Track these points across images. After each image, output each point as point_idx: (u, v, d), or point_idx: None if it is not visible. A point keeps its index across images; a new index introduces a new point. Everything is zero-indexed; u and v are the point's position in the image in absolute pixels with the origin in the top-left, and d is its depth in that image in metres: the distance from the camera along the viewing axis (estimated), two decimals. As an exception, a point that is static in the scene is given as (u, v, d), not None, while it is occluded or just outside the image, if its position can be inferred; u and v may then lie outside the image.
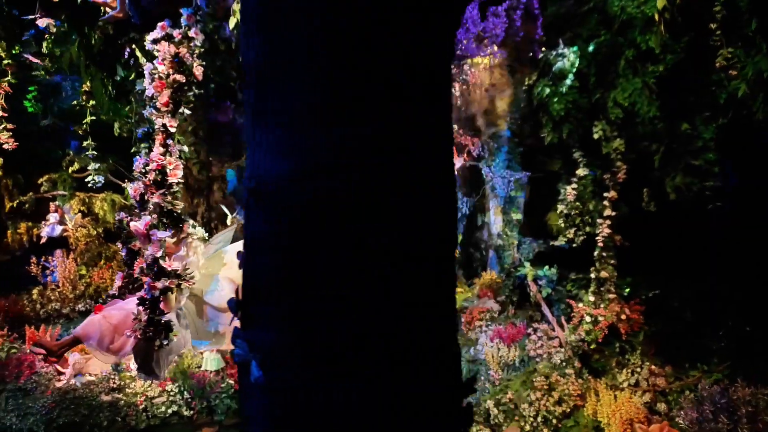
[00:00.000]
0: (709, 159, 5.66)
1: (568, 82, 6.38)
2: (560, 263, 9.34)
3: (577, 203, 7.27)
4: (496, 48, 12.01)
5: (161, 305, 3.49)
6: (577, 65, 6.28)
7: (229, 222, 9.30)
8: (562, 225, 7.79)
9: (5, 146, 6.65)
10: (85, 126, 7.16)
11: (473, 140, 15.07)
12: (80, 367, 8.82)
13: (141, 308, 3.62)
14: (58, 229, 11.34)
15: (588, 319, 7.22)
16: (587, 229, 7.18)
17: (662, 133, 6.13)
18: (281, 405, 1.31)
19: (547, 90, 6.72)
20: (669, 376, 7.31)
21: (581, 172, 6.82)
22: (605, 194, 6.71)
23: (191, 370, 9.21)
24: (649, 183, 6.50)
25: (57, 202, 11.47)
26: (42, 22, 3.78)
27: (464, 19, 11.19)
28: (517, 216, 14.53)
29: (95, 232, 11.24)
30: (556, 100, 6.52)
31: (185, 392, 8.97)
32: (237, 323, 2.08)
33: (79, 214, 11.25)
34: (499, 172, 14.92)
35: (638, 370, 7.64)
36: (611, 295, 7.07)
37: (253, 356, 1.33)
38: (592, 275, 7.31)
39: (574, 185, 6.89)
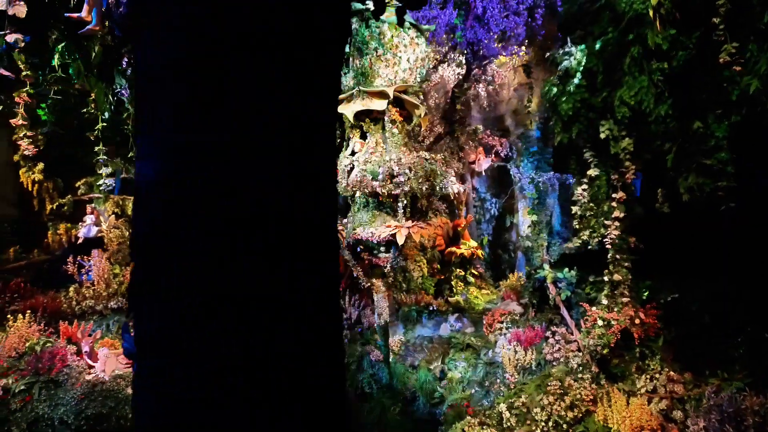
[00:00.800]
0: (722, 158, 5.44)
1: (575, 80, 6.25)
2: (583, 265, 9.14)
3: (591, 204, 7.11)
4: (522, 47, 11.87)
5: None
6: (584, 63, 6.15)
7: None
8: (577, 227, 7.63)
9: (26, 152, 7.05)
10: (96, 132, 7.51)
11: (501, 140, 14.90)
12: (112, 362, 9.22)
13: None
14: (94, 230, 11.89)
15: (600, 323, 7.05)
16: (602, 231, 7.01)
17: (675, 131, 5.93)
18: (160, 396, 1.38)
19: (555, 89, 6.60)
20: (688, 383, 7.05)
21: (592, 172, 6.67)
22: (614, 195, 6.55)
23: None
24: (662, 183, 6.29)
25: (93, 205, 12.02)
26: (11, 38, 3.99)
27: (485, 18, 11.11)
28: (546, 217, 14.27)
29: (127, 233, 11.72)
30: (564, 99, 6.39)
31: (207, 388, 9.24)
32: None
33: (113, 215, 11.76)
34: (528, 173, 14.65)
35: (657, 376, 7.42)
36: (624, 299, 6.88)
37: (135, 349, 1.42)
38: (605, 278, 7.14)
39: (585, 186, 6.75)
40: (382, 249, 8.91)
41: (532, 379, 8.29)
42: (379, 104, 8.54)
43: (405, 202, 8.55)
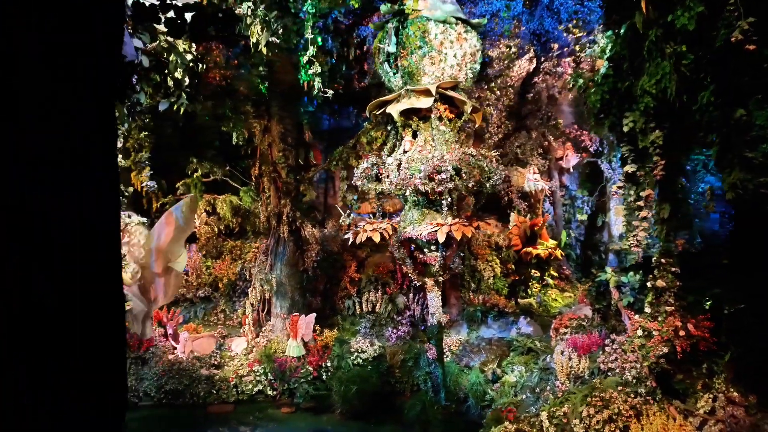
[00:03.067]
0: (765, 150, 4.70)
1: (602, 70, 5.72)
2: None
3: (638, 203, 6.50)
4: (597, 35, 11.11)
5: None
6: (609, 51, 5.61)
7: (342, 221, 10.09)
8: (623, 228, 7.02)
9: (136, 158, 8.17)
10: (132, 141, 8.33)
11: (591, 136, 13.95)
12: (189, 345, 10.29)
13: None
14: (190, 225, 13.25)
15: (639, 332, 6.44)
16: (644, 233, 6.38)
17: (719, 121, 5.24)
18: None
19: (581, 80, 6.07)
20: (750, 407, 6.22)
21: (629, 168, 6.10)
22: (641, 193, 5.93)
23: (276, 354, 10.16)
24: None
25: (190, 203, 13.40)
26: None
27: (554, 6, 10.55)
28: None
29: (216, 230, 12.92)
30: (593, 90, 5.89)
31: (269, 374, 9.94)
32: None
33: (205, 213, 13.02)
34: (621, 169, 13.67)
35: (720, 396, 6.63)
36: (668, 307, 6.20)
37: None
38: (648, 284, 6.49)
39: (619, 183, 6.18)
40: (432, 247, 8.90)
41: (582, 388, 7.79)
42: (424, 102, 8.53)
43: (449, 199, 8.45)
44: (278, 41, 8.60)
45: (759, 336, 6.22)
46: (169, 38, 5.15)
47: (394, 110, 8.68)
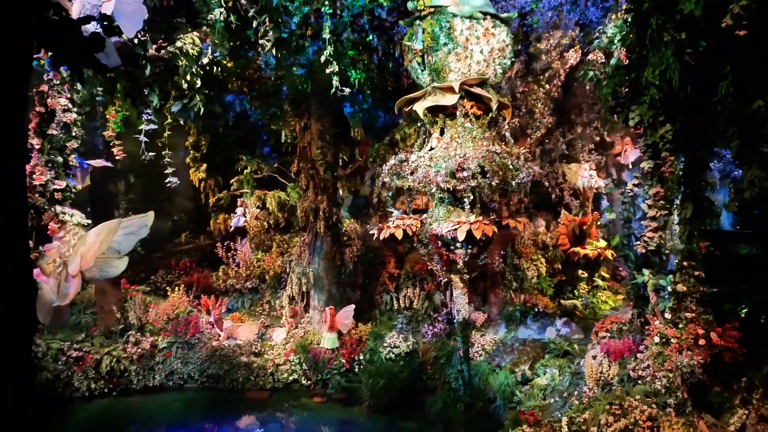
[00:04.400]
0: (780, 145, 4.26)
1: (612, 62, 5.38)
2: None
3: (661, 203, 6.10)
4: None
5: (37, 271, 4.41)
6: (616, 41, 5.25)
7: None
8: (648, 228, 6.60)
9: (117, 157, 8.79)
10: (164, 139, 8.81)
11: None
12: (231, 332, 10.86)
13: None
14: (242, 220, 13.96)
15: (656, 339, 6.05)
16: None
17: (738, 114, 4.83)
18: None
19: (591, 73, 5.72)
20: (783, 426, 5.70)
21: (646, 165, 5.73)
22: (650, 191, 5.54)
23: (312, 346, 10.50)
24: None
25: (243, 198, 14.10)
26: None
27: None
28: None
29: (265, 224, 13.50)
30: (605, 83, 5.55)
31: (303, 364, 10.30)
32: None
33: (255, 208, 13.65)
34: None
35: (753, 413, 6.14)
36: (689, 314, 5.77)
37: None
38: (669, 288, 6.08)
39: (635, 181, 5.81)
40: (458, 244, 8.82)
41: (607, 395, 7.46)
42: (449, 99, 8.46)
43: (472, 197, 8.33)
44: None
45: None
46: (178, 44, 5.52)
47: (419, 108, 8.68)
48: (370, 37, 11.29)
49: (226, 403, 9.73)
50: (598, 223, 13.45)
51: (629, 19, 5.08)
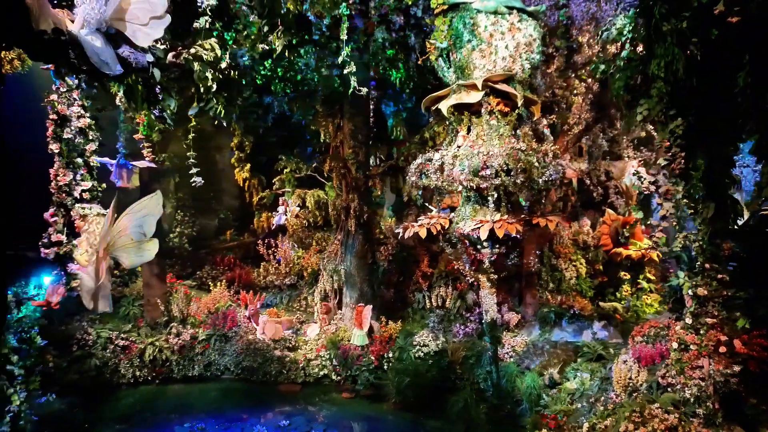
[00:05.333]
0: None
1: (623, 54, 5.10)
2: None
3: (685, 201, 5.77)
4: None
5: (73, 263, 4.72)
6: (625, 32, 4.97)
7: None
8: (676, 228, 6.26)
9: (146, 159, 9.22)
10: (189, 141, 9.11)
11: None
12: (264, 327, 11.20)
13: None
14: (284, 218, 14.36)
15: (675, 345, 5.72)
16: (691, 235, 5.64)
17: (755, 106, 4.50)
18: None
19: (602, 66, 5.44)
20: (815, 442, 5.28)
21: (663, 161, 5.43)
22: (659, 189, 5.22)
23: (342, 342, 10.67)
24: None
25: (284, 197, 14.51)
26: None
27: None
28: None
29: (304, 222, 13.82)
30: (617, 77, 5.28)
31: (333, 360, 10.49)
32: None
33: (296, 207, 14.00)
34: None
35: (788, 426, 5.73)
36: (710, 319, 5.42)
37: None
38: (690, 291, 5.73)
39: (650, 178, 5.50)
40: (485, 243, 8.70)
41: (632, 402, 7.16)
42: (474, 96, 8.35)
43: (495, 195, 8.19)
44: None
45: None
46: (193, 49, 5.79)
47: (443, 106, 8.63)
48: (407, 35, 11.29)
49: (259, 395, 10.07)
50: (648, 222, 12.82)
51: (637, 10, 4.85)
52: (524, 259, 11.69)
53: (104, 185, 5.32)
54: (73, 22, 4.21)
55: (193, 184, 7.35)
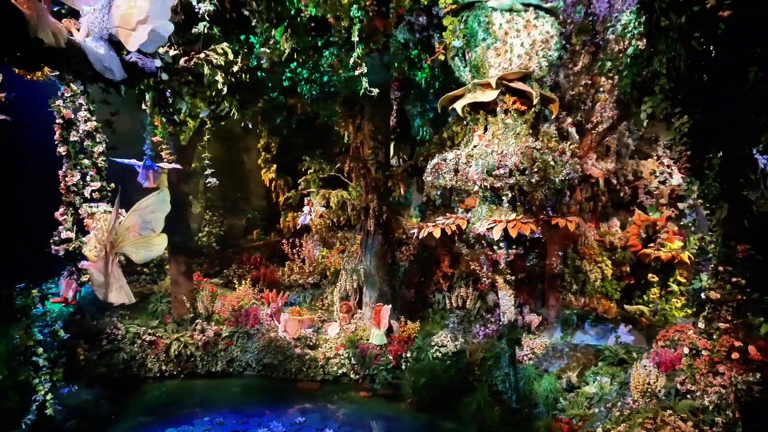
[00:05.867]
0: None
1: (629, 51, 4.93)
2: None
3: (699, 201, 5.55)
4: None
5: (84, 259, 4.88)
6: (630, 28, 4.79)
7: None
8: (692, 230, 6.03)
9: (164, 161, 9.47)
10: (204, 143, 9.28)
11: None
12: (285, 325, 11.37)
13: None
14: (308, 218, 14.53)
15: (686, 350, 5.51)
16: (708, 236, 5.42)
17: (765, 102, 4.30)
18: None
19: (609, 63, 5.25)
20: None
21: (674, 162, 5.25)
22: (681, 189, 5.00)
23: (361, 341, 10.74)
24: None
25: (309, 197, 14.68)
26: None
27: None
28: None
29: (328, 222, 13.94)
30: (624, 74, 5.10)
31: (352, 359, 10.57)
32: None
33: (320, 207, 14.14)
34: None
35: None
36: (723, 324, 5.19)
37: None
38: (702, 295, 5.51)
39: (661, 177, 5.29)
40: (501, 244, 8.60)
41: (648, 408, 6.95)
42: (488, 95, 8.26)
43: (509, 195, 8.09)
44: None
45: None
46: (203, 54, 5.95)
47: (458, 105, 8.59)
48: (431, 35, 11.30)
49: (279, 392, 10.24)
50: (681, 222, 12.38)
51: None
52: (547, 260, 11.50)
53: (112, 185, 5.52)
54: (78, 30, 4.42)
55: (208, 185, 7.54)
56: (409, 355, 10.32)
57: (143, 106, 6.02)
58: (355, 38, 7.59)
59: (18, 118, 5.48)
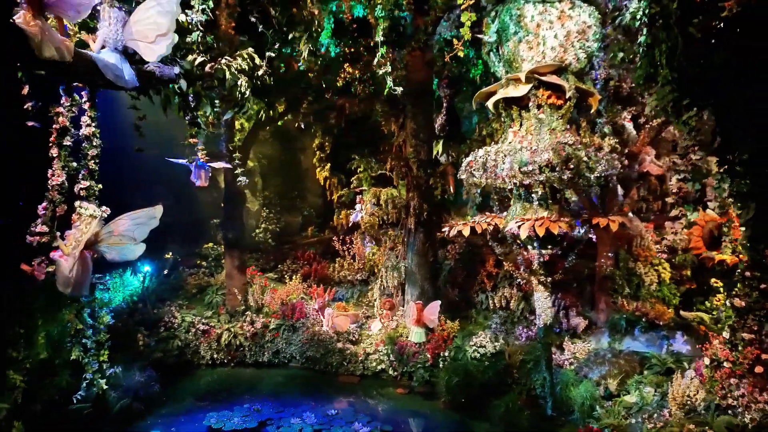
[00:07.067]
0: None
1: (641, 40, 4.53)
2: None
3: (730, 201, 5.09)
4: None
5: (57, 251, 5.20)
6: (641, 16, 4.39)
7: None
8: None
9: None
10: (236, 143, 9.54)
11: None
12: (331, 320, 11.67)
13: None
14: (360, 216, 14.80)
15: (707, 361, 5.06)
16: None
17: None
18: None
19: (620, 54, 4.86)
20: None
21: (693, 157, 4.83)
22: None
23: (400, 338, 10.81)
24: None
25: (362, 195, 14.94)
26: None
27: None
28: None
29: (377, 220, 14.12)
30: (638, 65, 4.73)
31: (391, 355, 10.67)
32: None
33: (369, 205, 14.35)
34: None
35: None
36: (747, 334, 4.72)
37: None
38: (727, 302, 5.04)
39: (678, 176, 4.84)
40: (535, 244, 8.33)
41: (676, 422, 6.51)
42: (521, 90, 8.01)
43: (539, 192, 7.81)
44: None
45: None
46: (224, 60, 6.30)
47: (490, 101, 8.43)
48: (482, 31, 11.17)
49: (319, 384, 10.55)
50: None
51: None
52: (597, 261, 10.95)
53: (100, 186, 5.95)
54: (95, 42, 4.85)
55: (238, 184, 7.92)
56: (447, 354, 10.25)
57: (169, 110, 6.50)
58: (378, 38, 7.68)
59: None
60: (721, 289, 10.68)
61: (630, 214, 10.92)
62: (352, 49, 11.19)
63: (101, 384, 7.50)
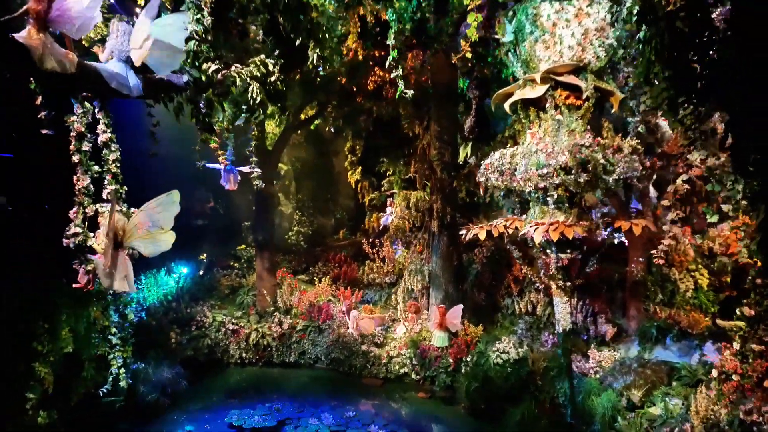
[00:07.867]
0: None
1: (640, 35, 4.30)
2: None
3: (743, 202, 4.79)
4: None
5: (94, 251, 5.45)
6: (635, 13, 4.16)
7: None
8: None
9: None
10: (252, 147, 9.67)
11: None
12: (357, 323, 11.74)
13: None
14: (390, 218, 14.83)
15: (715, 373, 4.76)
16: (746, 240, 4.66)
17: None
18: None
19: (622, 50, 4.61)
20: None
21: (696, 156, 4.57)
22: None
23: (423, 342, 10.77)
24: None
25: (392, 198, 14.97)
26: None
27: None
28: None
29: (407, 223, 14.10)
30: (639, 61, 4.49)
31: (413, 359, 10.64)
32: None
33: (398, 207, 14.35)
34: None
35: None
36: (757, 346, 4.41)
37: None
38: (738, 311, 4.73)
39: (684, 176, 4.56)
40: (554, 248, 8.12)
41: (698, 436, 6.18)
42: (538, 90, 7.83)
43: (555, 196, 7.59)
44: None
45: None
46: (234, 68, 6.50)
47: (507, 103, 8.29)
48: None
49: (343, 386, 10.66)
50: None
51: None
52: (628, 266, 10.53)
53: (125, 188, 6.21)
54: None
55: (255, 187, 8.12)
56: (469, 359, 10.13)
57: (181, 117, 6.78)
58: (390, 41, 7.70)
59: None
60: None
61: (669, 216, 10.44)
62: (383, 53, 11.29)
63: (126, 379, 7.86)
